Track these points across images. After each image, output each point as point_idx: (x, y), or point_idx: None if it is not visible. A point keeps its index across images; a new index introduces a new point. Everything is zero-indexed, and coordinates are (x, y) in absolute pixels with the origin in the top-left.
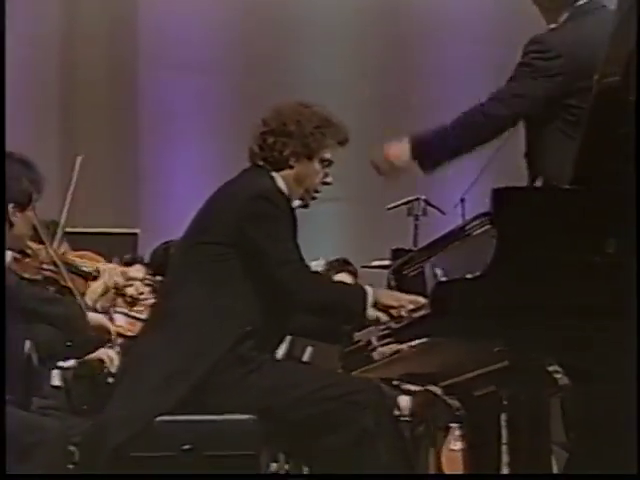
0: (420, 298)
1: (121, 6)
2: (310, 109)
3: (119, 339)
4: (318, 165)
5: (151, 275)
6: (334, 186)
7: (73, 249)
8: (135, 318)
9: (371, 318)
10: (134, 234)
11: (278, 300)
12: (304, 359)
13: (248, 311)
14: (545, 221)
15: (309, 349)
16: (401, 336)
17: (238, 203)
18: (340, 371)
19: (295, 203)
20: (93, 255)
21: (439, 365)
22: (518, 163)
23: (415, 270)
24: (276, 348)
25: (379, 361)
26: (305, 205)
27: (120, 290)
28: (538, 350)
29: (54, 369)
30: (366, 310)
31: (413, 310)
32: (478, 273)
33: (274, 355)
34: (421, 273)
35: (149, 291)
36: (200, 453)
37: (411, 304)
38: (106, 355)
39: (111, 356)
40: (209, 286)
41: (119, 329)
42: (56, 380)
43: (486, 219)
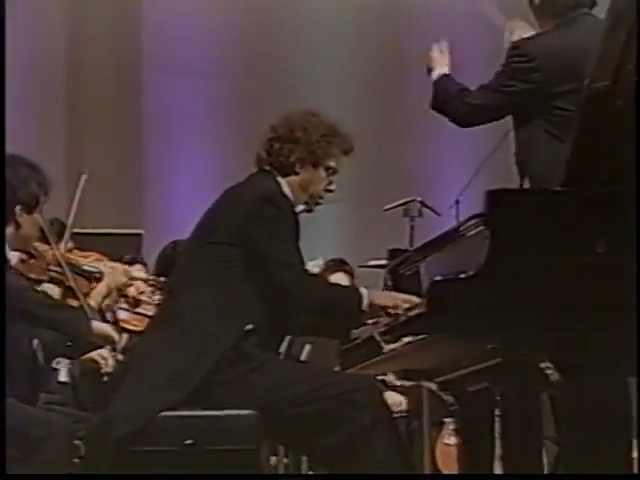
0: (414, 297)
1: (124, 6)
2: (317, 118)
3: (124, 334)
4: (323, 173)
5: (156, 275)
6: None
7: (78, 250)
8: (139, 314)
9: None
10: (138, 234)
11: (280, 300)
12: (303, 357)
13: (251, 310)
14: (537, 222)
15: (307, 347)
16: (398, 333)
17: (243, 204)
18: (338, 368)
19: (298, 208)
20: (98, 255)
21: (434, 362)
22: (511, 166)
23: (411, 270)
24: (278, 347)
25: (376, 358)
26: (309, 210)
27: (122, 290)
28: (530, 347)
29: (54, 370)
30: (362, 311)
31: (408, 309)
32: (472, 273)
33: (276, 354)
34: (417, 273)
35: (151, 291)
36: (202, 448)
37: (406, 303)
38: (99, 355)
39: (104, 356)
40: (213, 286)
41: (124, 324)
42: (63, 376)
43: (480, 220)
